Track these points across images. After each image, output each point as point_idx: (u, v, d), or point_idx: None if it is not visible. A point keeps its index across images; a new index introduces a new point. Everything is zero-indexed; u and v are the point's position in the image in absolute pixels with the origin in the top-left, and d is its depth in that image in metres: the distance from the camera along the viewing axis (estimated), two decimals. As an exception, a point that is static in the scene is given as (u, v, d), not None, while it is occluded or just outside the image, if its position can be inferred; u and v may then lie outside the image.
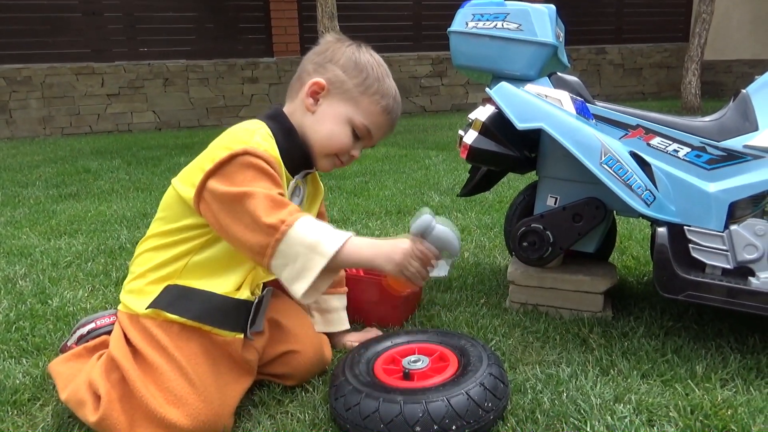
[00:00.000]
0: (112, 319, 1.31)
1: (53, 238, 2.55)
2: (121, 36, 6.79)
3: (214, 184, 1.13)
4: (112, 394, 1.12)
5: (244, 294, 1.23)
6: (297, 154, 1.27)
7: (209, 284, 1.21)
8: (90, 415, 1.11)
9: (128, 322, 1.20)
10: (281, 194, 1.14)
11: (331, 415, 1.18)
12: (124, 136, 6.43)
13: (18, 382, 1.36)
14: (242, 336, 1.22)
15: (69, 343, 1.33)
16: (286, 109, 1.31)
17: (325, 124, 1.26)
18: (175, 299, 1.18)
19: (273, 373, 1.33)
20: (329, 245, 1.09)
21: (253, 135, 1.18)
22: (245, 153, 1.13)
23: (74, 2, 6.57)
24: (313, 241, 1.09)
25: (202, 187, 1.15)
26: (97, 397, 1.13)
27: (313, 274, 1.08)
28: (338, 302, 1.54)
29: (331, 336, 1.51)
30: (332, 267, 1.10)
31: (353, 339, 1.52)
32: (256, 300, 1.25)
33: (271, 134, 1.22)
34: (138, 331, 1.18)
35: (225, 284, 1.22)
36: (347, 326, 1.55)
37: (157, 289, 1.20)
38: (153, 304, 1.18)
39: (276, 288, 1.46)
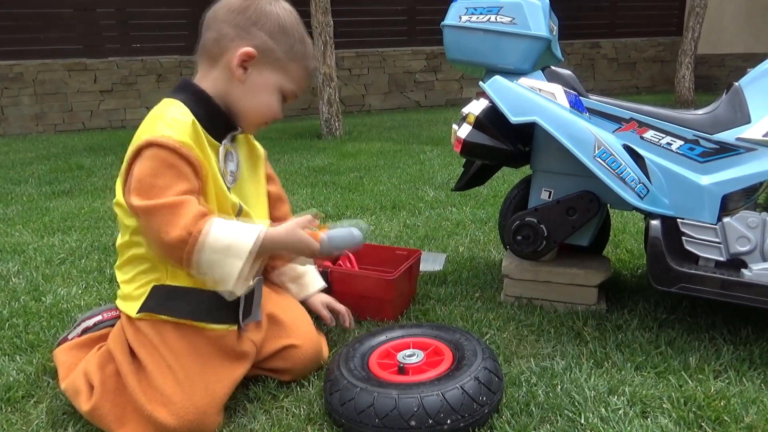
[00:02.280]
0: (118, 313, 1.31)
1: (46, 235, 2.54)
2: (113, 32, 6.75)
3: (131, 194, 1.09)
4: (105, 385, 1.14)
5: None
6: (217, 119, 1.20)
7: (197, 281, 1.18)
8: (83, 404, 1.14)
9: (126, 321, 1.21)
10: (187, 191, 1.09)
11: (326, 409, 1.19)
12: (117, 132, 6.40)
13: (12, 379, 1.35)
14: (236, 328, 1.22)
15: (70, 336, 1.33)
16: (199, 77, 1.22)
17: (257, 95, 1.21)
18: (163, 300, 1.18)
19: (272, 368, 1.32)
20: (243, 245, 1.08)
21: (157, 121, 1.12)
22: (148, 145, 1.08)
23: (66, -2, 6.53)
24: (225, 245, 1.07)
25: (126, 191, 1.12)
26: (92, 387, 1.15)
27: (233, 276, 1.08)
28: (294, 271, 1.50)
29: (306, 304, 1.49)
30: (253, 258, 1.10)
31: (325, 300, 1.51)
32: (245, 290, 1.22)
33: (183, 106, 1.16)
34: (133, 332, 1.19)
35: None
36: (324, 284, 1.53)
37: (146, 292, 1.19)
38: (143, 308, 1.18)
39: (271, 282, 1.47)
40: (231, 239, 1.08)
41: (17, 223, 2.73)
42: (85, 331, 1.32)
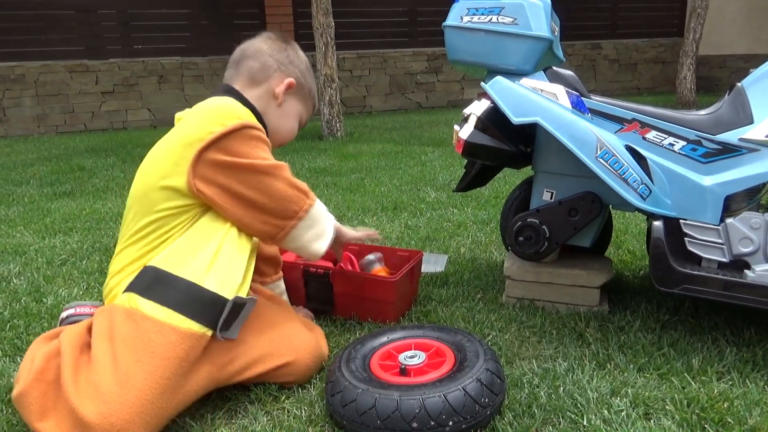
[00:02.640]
0: (91, 311, 1.32)
1: (48, 236, 2.54)
2: (115, 33, 6.75)
3: (222, 156, 1.21)
4: (43, 375, 1.10)
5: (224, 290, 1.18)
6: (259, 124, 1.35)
7: (189, 271, 1.17)
8: (15, 388, 1.10)
9: (98, 313, 1.18)
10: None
11: (328, 411, 1.18)
12: (118, 133, 6.40)
13: (12, 380, 1.35)
14: (210, 334, 1.16)
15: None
16: (241, 89, 1.40)
17: (287, 119, 1.46)
18: (152, 282, 1.15)
19: (273, 381, 1.29)
20: (332, 218, 1.40)
21: (226, 110, 1.25)
22: (245, 126, 1.24)
23: (67, -1, 6.54)
24: (325, 210, 1.37)
25: (196, 163, 1.20)
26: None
27: (330, 233, 1.37)
28: (279, 289, 1.60)
29: None
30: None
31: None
32: (232, 301, 1.18)
33: (239, 104, 1.32)
34: (102, 319, 1.15)
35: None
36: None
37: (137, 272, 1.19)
38: (130, 287, 1.16)
39: (263, 292, 1.46)
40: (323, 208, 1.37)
41: (18, 224, 2.73)
42: (61, 321, 1.34)
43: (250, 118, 1.26)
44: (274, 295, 1.50)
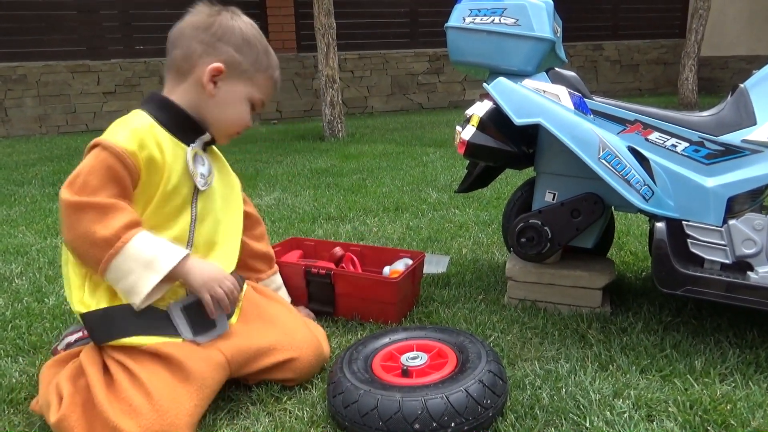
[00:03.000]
0: None
1: (49, 236, 2.54)
2: (116, 33, 6.76)
3: (64, 187, 1.14)
4: (75, 398, 1.11)
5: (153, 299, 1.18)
6: (183, 122, 1.26)
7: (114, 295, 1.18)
8: (52, 416, 1.10)
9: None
10: (118, 195, 1.15)
11: (330, 412, 1.18)
12: (120, 134, 6.40)
13: (14, 380, 1.35)
14: (180, 341, 1.18)
15: (59, 347, 1.33)
16: (167, 91, 1.28)
17: (228, 108, 1.28)
18: (105, 325, 1.16)
19: (275, 379, 1.30)
20: (166, 262, 1.15)
21: (115, 127, 1.19)
22: (95, 145, 1.16)
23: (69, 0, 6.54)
24: (150, 258, 1.14)
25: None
26: (61, 399, 1.12)
27: (146, 290, 1.13)
28: (275, 284, 1.57)
29: None
30: (166, 281, 1.17)
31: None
32: (181, 304, 1.21)
33: (145, 115, 1.23)
34: (101, 348, 1.18)
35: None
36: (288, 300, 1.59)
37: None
38: (94, 340, 1.18)
39: (263, 292, 1.45)
40: (154, 253, 1.14)
41: (20, 225, 2.73)
42: (68, 345, 1.32)
43: (115, 140, 1.14)
44: (273, 293, 1.49)
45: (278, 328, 1.32)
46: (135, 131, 1.18)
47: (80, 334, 1.32)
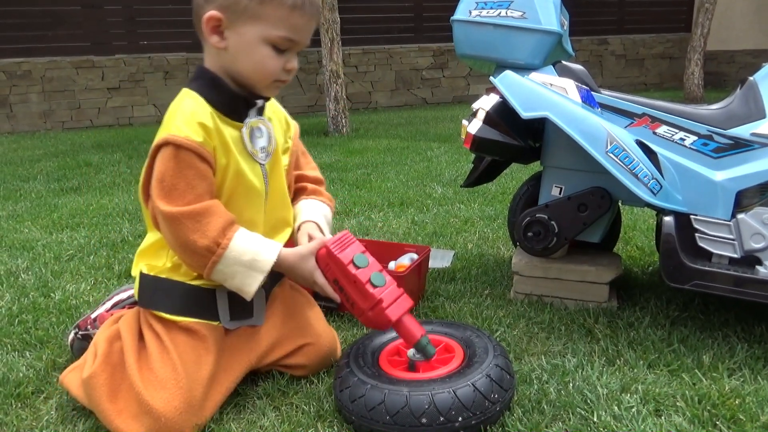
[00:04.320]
0: None
1: (55, 231, 2.54)
2: (121, 29, 6.76)
3: (154, 196, 1.11)
4: (108, 358, 1.17)
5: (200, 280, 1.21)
6: (232, 100, 1.17)
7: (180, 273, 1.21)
8: (86, 371, 1.16)
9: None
10: (207, 191, 1.12)
11: (336, 406, 1.18)
12: (125, 129, 6.41)
13: (21, 375, 1.35)
14: (217, 324, 1.22)
15: (93, 315, 1.39)
16: (205, 58, 1.18)
17: (245, 57, 1.12)
18: (153, 293, 1.21)
19: (289, 364, 1.32)
20: (266, 260, 1.15)
21: (175, 116, 1.12)
22: (166, 143, 1.09)
23: (73, -5, 6.54)
24: (250, 259, 1.13)
25: (146, 190, 1.16)
26: (95, 357, 1.18)
27: (254, 288, 1.15)
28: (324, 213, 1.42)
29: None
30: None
31: (308, 230, 1.34)
32: (228, 289, 1.21)
33: (198, 97, 1.14)
34: (143, 314, 1.23)
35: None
36: (313, 216, 1.40)
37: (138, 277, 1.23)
38: (139, 302, 1.23)
39: (288, 281, 1.45)
40: (254, 253, 1.14)
41: (26, 220, 2.74)
42: (116, 304, 1.39)
43: (177, 131, 1.09)
44: (294, 284, 1.48)
45: (302, 316, 1.36)
46: (195, 118, 1.11)
47: (131, 292, 1.39)
